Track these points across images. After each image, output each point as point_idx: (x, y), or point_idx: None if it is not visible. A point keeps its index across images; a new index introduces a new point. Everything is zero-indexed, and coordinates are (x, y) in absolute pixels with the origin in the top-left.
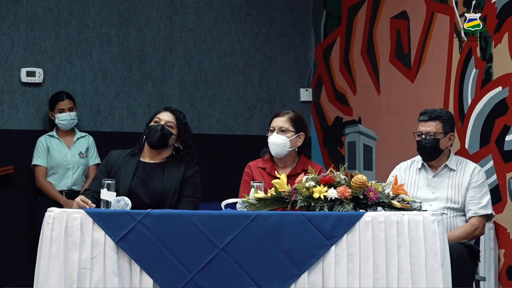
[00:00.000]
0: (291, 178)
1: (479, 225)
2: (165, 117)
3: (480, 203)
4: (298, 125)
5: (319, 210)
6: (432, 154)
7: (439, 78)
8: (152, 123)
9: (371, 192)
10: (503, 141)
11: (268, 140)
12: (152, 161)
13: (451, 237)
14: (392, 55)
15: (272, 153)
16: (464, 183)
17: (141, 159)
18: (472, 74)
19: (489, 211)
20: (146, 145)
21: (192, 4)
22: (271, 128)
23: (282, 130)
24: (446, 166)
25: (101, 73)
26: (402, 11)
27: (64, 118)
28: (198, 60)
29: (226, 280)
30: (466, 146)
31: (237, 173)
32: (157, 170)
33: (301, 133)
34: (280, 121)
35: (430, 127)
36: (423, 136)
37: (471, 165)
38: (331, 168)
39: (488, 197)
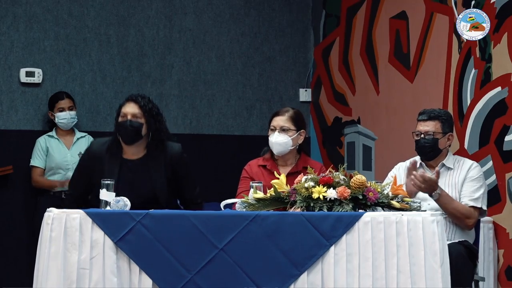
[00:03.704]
0: (292, 175)
1: (470, 216)
2: (130, 109)
3: (472, 196)
4: (298, 123)
5: (318, 210)
6: (430, 154)
7: (438, 78)
8: (120, 119)
9: (370, 192)
10: (502, 141)
11: (270, 139)
12: (134, 157)
13: (451, 202)
14: (391, 55)
15: (275, 152)
16: (461, 179)
17: (124, 156)
18: (471, 74)
19: (479, 204)
20: (122, 142)
21: (191, 4)
22: (271, 128)
23: (283, 130)
24: (443, 165)
25: (100, 73)
26: (401, 11)
27: (64, 117)
28: (197, 60)
29: (225, 280)
30: (465, 146)
31: (236, 173)
32: (143, 169)
33: (301, 130)
34: (281, 120)
35: (429, 126)
36: (422, 135)
37: (468, 162)
38: (330, 169)
39: (481, 192)
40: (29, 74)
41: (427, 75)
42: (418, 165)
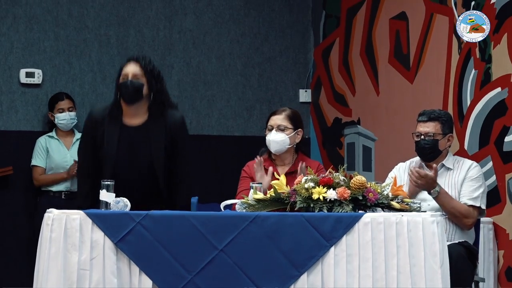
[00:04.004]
0: (290, 175)
1: (469, 215)
2: (131, 69)
3: (471, 195)
4: (296, 122)
5: (318, 211)
6: (430, 155)
7: (438, 79)
8: (120, 80)
9: (370, 193)
10: (502, 142)
11: (267, 138)
12: (135, 123)
13: (450, 200)
14: (391, 56)
15: (272, 150)
16: (460, 179)
17: (124, 122)
18: (471, 75)
19: (478, 203)
20: (123, 103)
21: (191, 5)
22: (269, 127)
23: (280, 128)
24: (443, 165)
25: (100, 74)
26: (401, 12)
27: (64, 118)
28: (197, 60)
29: (225, 281)
30: (465, 147)
31: (236, 174)
32: (143, 134)
33: (299, 129)
34: (278, 119)
35: (429, 127)
36: (422, 136)
37: (467, 162)
38: (330, 169)
39: (480, 191)
40: (29, 75)
41: (427, 75)
42: (418, 166)
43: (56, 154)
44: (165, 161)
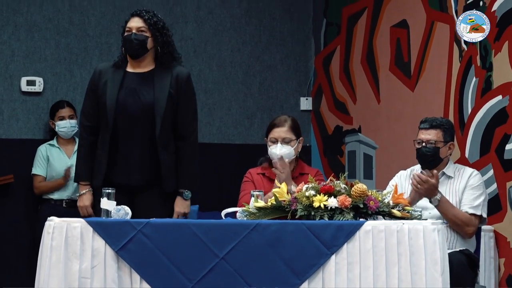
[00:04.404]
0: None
1: (470, 223)
2: (134, 23)
3: (472, 204)
4: (297, 131)
5: (319, 219)
6: (432, 163)
7: (439, 87)
8: (125, 34)
9: (371, 201)
10: (503, 150)
11: (273, 151)
12: (140, 71)
13: (451, 209)
14: (392, 64)
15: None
16: (461, 188)
17: (128, 70)
18: (472, 83)
19: (479, 212)
20: (128, 57)
21: (192, 13)
22: (272, 139)
23: (286, 141)
24: (443, 173)
25: None
26: (402, 20)
27: (64, 125)
28: (198, 69)
29: None
30: (466, 155)
31: (237, 182)
32: (147, 79)
33: (300, 138)
34: (282, 132)
35: (431, 135)
36: (423, 144)
37: (468, 170)
38: (331, 177)
39: (481, 200)
40: (30, 83)
41: (428, 83)
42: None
43: (57, 162)
44: (166, 109)
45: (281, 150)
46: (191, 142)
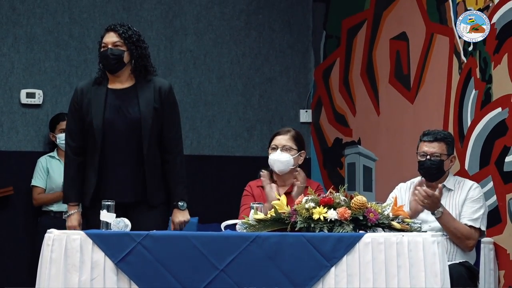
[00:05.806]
0: (290, 195)
1: (471, 236)
2: (110, 38)
3: (471, 216)
4: (300, 143)
5: (319, 231)
6: (436, 175)
7: (439, 99)
8: (101, 50)
9: (370, 213)
10: (502, 162)
11: (271, 157)
12: (121, 87)
13: (452, 221)
14: (391, 76)
15: (276, 170)
16: (461, 200)
17: (109, 86)
18: (472, 95)
19: (478, 225)
20: (107, 72)
21: (191, 26)
22: (273, 146)
23: (285, 149)
24: (444, 186)
25: None
26: (402, 32)
27: None
28: (197, 81)
29: None
30: (466, 167)
31: (237, 194)
32: (130, 95)
33: (302, 151)
34: (283, 139)
35: (435, 148)
36: (428, 156)
37: (468, 183)
38: (330, 189)
39: (481, 213)
40: (30, 95)
41: (428, 96)
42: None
43: (56, 174)
44: (152, 124)
45: (279, 156)
46: (178, 153)
